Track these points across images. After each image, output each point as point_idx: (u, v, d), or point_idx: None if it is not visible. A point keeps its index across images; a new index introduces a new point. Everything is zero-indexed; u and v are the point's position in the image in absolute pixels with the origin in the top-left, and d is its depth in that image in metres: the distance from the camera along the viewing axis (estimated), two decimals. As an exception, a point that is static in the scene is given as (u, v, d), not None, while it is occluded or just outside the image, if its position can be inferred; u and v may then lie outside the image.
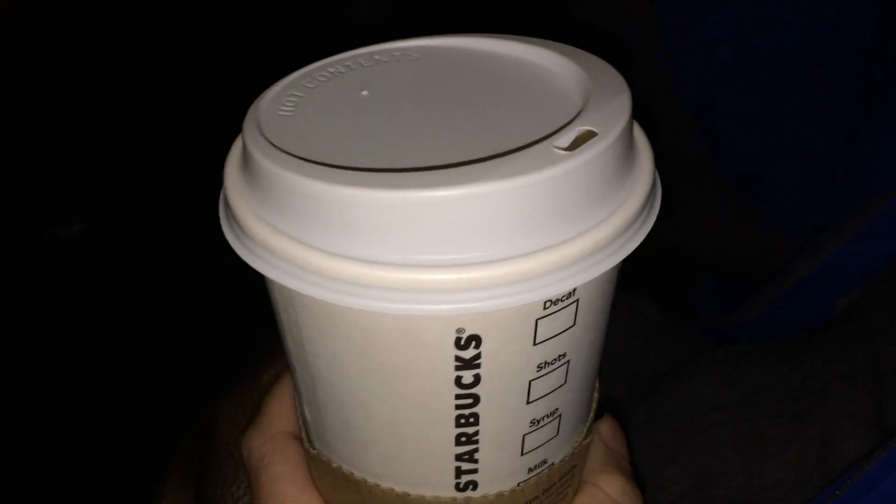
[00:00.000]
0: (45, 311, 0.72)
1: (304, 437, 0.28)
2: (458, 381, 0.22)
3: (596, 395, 0.29)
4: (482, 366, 0.21)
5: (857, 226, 0.46)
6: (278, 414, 0.30)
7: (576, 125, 0.21)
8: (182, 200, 0.77)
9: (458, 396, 0.22)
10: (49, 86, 0.75)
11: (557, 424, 0.25)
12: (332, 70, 0.26)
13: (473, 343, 0.21)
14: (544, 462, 0.26)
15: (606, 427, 0.31)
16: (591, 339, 0.24)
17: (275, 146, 0.21)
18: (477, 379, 0.22)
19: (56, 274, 0.73)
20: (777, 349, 0.46)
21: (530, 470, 0.25)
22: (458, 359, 0.21)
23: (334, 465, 0.26)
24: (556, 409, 0.24)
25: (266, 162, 0.20)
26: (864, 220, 0.46)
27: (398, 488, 0.25)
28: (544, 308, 0.21)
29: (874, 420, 0.36)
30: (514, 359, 0.22)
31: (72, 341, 0.72)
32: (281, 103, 0.24)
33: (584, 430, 0.28)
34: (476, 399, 0.22)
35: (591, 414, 0.28)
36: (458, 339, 0.21)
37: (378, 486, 0.25)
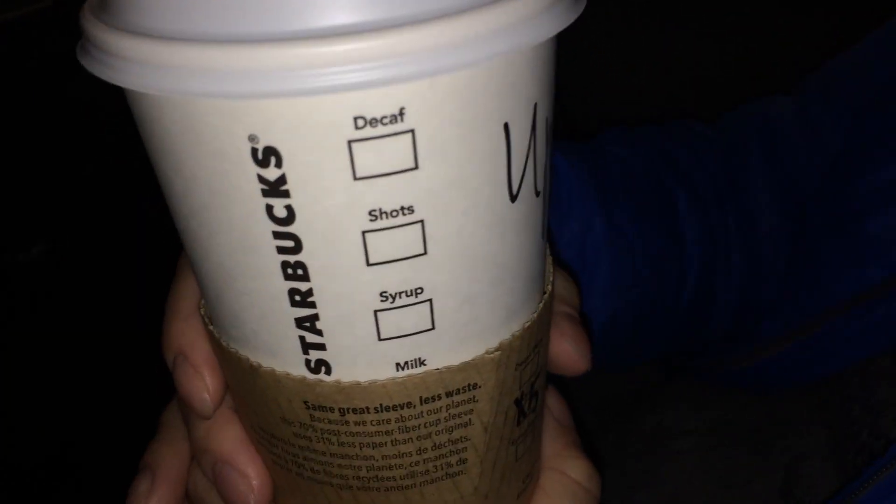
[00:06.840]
0: (5, 336, 0.71)
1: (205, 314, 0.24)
2: (269, 211, 0.17)
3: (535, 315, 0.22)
4: (292, 194, 0.17)
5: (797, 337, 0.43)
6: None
7: None
8: (147, 221, 0.75)
9: (275, 235, 0.18)
10: (6, 107, 0.73)
11: (428, 313, 0.20)
12: None
13: (273, 160, 0.16)
14: (419, 361, 0.21)
15: (554, 401, 0.27)
16: (466, 206, 0.18)
17: None
18: (291, 213, 0.17)
19: (17, 298, 0.72)
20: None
21: (399, 367, 0.20)
22: (261, 179, 0.17)
23: (215, 335, 0.22)
24: (420, 288, 0.19)
25: None
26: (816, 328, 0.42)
27: (251, 358, 0.21)
28: (356, 127, 0.16)
29: (837, 454, 0.37)
30: (331, 193, 0.17)
31: (34, 366, 0.71)
32: None
33: (498, 344, 0.21)
34: (297, 242, 0.18)
35: (522, 330, 0.21)
36: (253, 151, 0.16)
37: (236, 353, 0.21)
